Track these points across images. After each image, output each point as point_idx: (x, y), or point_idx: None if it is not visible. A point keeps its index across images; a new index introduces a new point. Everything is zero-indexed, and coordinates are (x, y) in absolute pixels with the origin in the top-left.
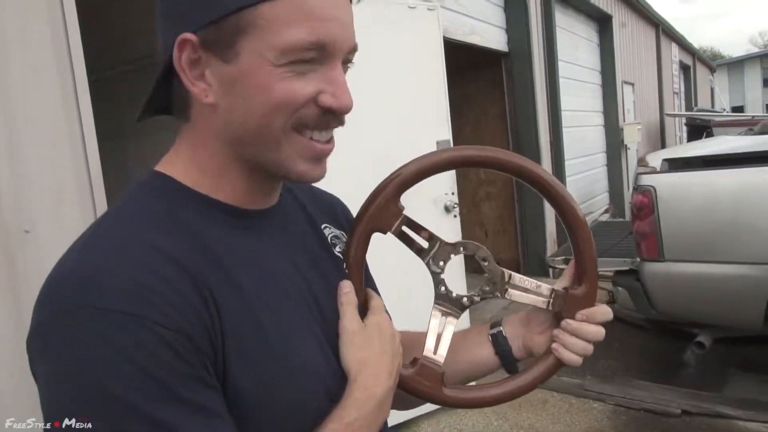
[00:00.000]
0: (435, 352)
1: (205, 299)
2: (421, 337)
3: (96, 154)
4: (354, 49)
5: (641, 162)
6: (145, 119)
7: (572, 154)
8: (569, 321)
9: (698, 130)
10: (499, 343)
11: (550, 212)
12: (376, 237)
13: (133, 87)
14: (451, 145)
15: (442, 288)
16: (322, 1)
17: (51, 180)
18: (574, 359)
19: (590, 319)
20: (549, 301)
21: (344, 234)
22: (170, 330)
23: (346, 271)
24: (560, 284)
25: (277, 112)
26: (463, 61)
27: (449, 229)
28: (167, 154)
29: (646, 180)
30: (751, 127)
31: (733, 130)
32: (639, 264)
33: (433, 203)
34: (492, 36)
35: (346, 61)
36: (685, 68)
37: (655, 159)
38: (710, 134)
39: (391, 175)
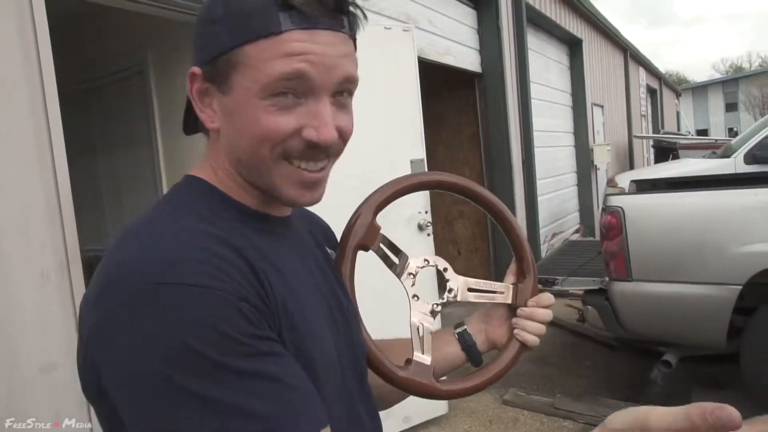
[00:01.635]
0: (422, 353)
1: (258, 276)
2: (400, 342)
3: (65, 171)
4: (348, 80)
5: (610, 182)
6: (189, 134)
7: (543, 174)
8: (524, 308)
9: (665, 151)
10: (464, 340)
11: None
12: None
13: (102, 102)
14: (425, 165)
15: (416, 298)
16: (301, 39)
17: (18, 197)
18: (533, 339)
19: (539, 304)
20: (511, 296)
21: (333, 254)
22: (238, 299)
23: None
24: (508, 281)
25: (263, 142)
26: (438, 81)
27: (423, 248)
28: (200, 161)
29: (615, 201)
30: (714, 150)
31: (697, 152)
32: (608, 283)
33: (407, 222)
34: (466, 57)
35: (343, 92)
36: (652, 92)
37: (624, 180)
38: (676, 156)
39: (368, 197)
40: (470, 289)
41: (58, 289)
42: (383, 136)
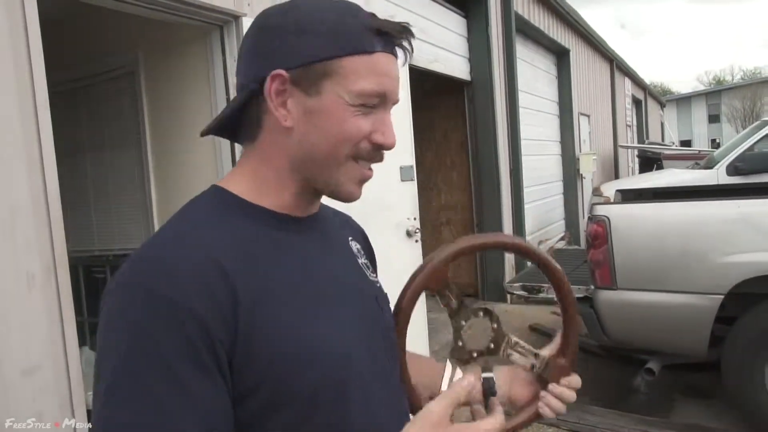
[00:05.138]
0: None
1: (234, 293)
2: (424, 362)
3: (54, 172)
4: (397, 101)
5: (596, 191)
6: (206, 135)
7: (530, 182)
8: (555, 386)
9: (649, 161)
10: (489, 386)
11: None
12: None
13: (92, 101)
14: (414, 171)
15: (459, 342)
16: (385, 62)
17: (4, 197)
18: (551, 415)
19: (571, 386)
20: (537, 366)
21: (361, 250)
22: (189, 313)
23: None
24: (548, 351)
25: (346, 141)
26: (427, 88)
27: (411, 254)
28: (230, 172)
29: (601, 210)
30: (698, 161)
31: (681, 163)
32: (593, 291)
33: (395, 228)
34: (455, 65)
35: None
36: (637, 102)
37: (609, 189)
38: (660, 166)
39: (448, 245)
40: (511, 346)
41: (44, 291)
42: None
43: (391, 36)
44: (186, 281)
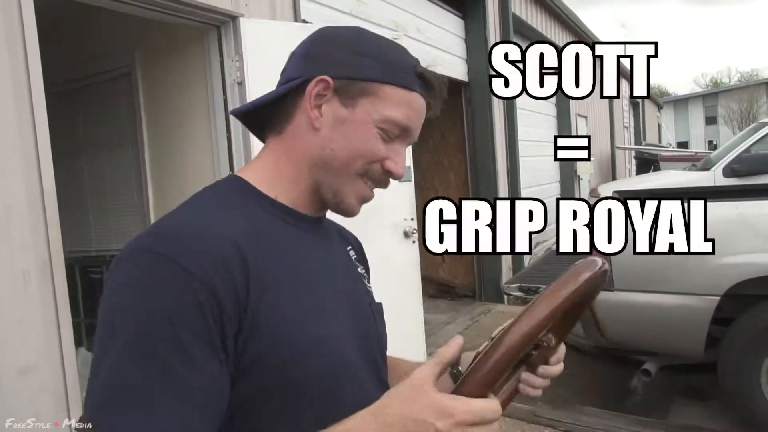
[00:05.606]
0: None
1: (247, 275)
2: (404, 364)
3: (50, 172)
4: (415, 140)
5: (593, 193)
6: (236, 115)
7: (528, 183)
8: (545, 367)
9: (646, 163)
10: (457, 379)
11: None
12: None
13: (88, 102)
14: (412, 172)
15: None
16: (417, 102)
17: (0, 196)
18: (536, 393)
19: (560, 360)
20: (533, 354)
21: (358, 260)
22: (205, 287)
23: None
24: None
25: (362, 157)
26: None
27: (408, 255)
28: (250, 162)
29: None
30: (695, 162)
31: (678, 164)
32: None
33: (393, 228)
34: (453, 66)
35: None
36: (634, 104)
37: (607, 190)
38: (657, 168)
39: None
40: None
41: (39, 290)
42: None
43: (431, 83)
44: (206, 256)
